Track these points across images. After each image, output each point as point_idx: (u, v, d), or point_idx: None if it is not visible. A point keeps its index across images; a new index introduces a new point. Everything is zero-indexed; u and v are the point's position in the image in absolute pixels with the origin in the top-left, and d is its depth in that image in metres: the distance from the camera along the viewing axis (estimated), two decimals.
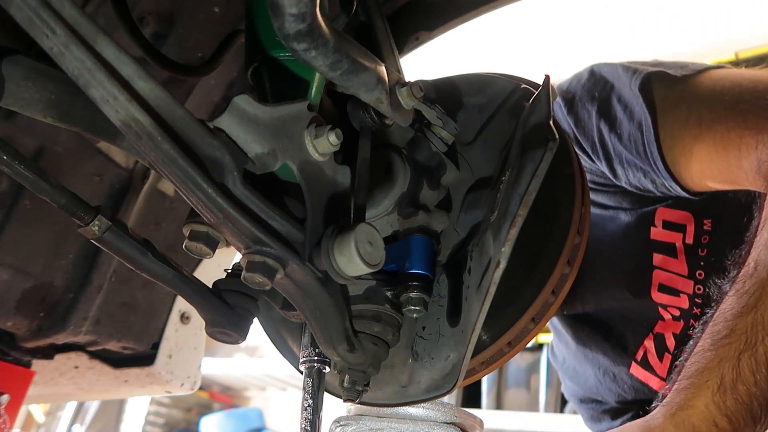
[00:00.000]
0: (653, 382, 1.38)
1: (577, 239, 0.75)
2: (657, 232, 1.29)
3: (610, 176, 1.24)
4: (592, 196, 1.29)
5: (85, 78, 0.51)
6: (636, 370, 1.40)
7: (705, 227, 1.27)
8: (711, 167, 1.09)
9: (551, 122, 0.65)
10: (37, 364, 1.33)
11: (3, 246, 1.12)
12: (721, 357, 0.85)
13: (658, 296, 1.30)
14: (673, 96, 1.14)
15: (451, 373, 0.73)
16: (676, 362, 0.94)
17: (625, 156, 1.17)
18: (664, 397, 0.91)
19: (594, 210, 1.31)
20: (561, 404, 2.84)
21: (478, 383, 3.01)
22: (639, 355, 1.38)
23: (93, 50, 0.52)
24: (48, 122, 0.62)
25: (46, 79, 0.60)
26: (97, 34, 0.52)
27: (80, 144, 1.17)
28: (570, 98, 1.26)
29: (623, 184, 1.23)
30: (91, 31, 0.52)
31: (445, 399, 0.78)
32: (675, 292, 1.29)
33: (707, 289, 1.16)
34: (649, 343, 1.37)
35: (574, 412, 2.78)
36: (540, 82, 0.75)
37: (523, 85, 0.82)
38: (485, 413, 2.90)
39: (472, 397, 3.00)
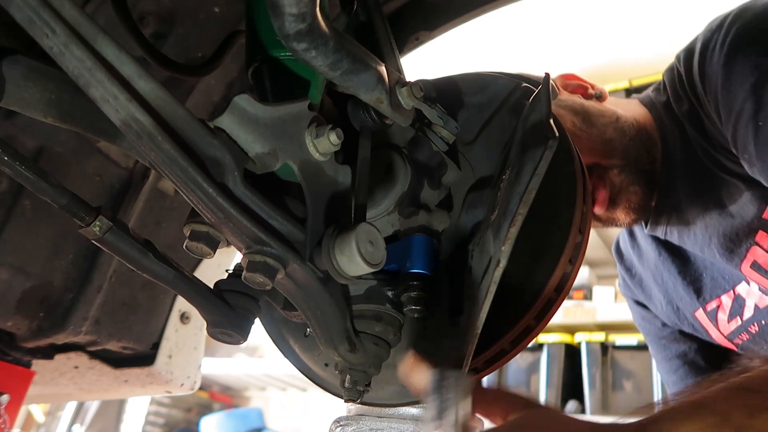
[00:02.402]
0: (713, 333, 1.35)
1: (579, 238, 0.75)
2: None
3: (732, 148, 1.10)
4: (714, 153, 1.18)
5: (85, 78, 0.51)
6: (701, 317, 1.36)
7: None
8: None
9: (551, 120, 0.64)
10: (37, 364, 1.32)
11: (3, 246, 1.12)
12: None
13: (748, 271, 1.21)
14: None
15: None
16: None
17: (752, 149, 1.02)
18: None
19: (713, 170, 1.18)
20: (561, 404, 2.84)
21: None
22: (710, 307, 1.33)
23: (93, 50, 0.51)
24: (48, 122, 0.62)
25: (46, 79, 0.60)
26: (97, 34, 0.52)
27: (80, 144, 1.17)
28: (736, 47, 1.05)
29: (741, 161, 1.10)
30: (91, 30, 0.52)
31: None
32: None
33: None
34: (726, 300, 1.30)
35: (575, 413, 2.78)
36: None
37: (524, 84, 0.82)
38: None
39: None
